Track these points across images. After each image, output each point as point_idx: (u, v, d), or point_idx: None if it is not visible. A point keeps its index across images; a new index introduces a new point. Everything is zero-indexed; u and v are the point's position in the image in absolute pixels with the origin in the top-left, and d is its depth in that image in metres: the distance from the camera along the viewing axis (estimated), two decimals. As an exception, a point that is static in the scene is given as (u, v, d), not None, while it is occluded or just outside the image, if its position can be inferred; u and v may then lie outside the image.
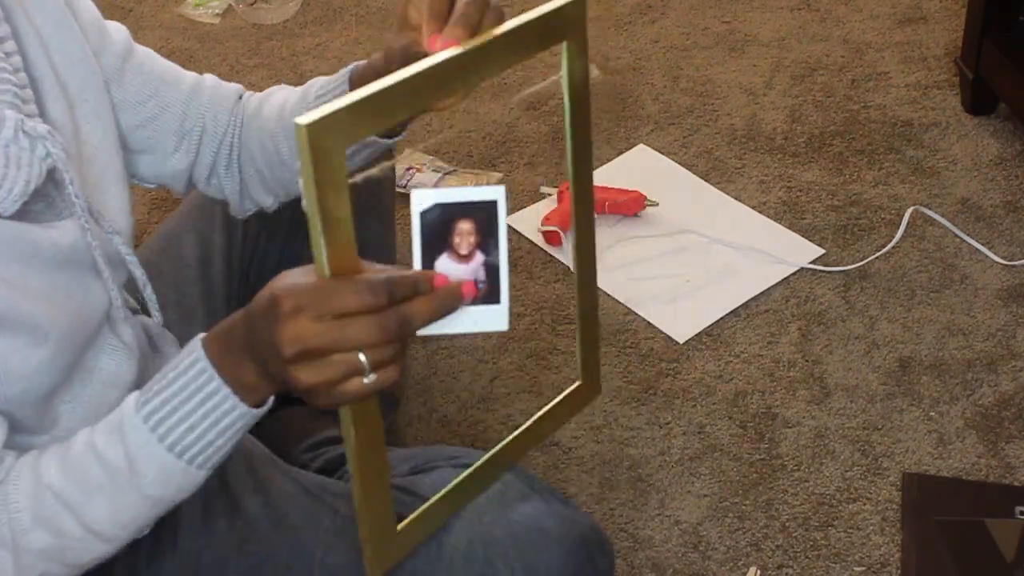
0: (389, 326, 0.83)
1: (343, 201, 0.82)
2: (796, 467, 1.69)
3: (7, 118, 0.98)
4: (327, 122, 0.80)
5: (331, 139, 0.80)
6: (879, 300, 1.92)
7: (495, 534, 1.08)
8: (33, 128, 0.99)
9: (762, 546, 1.60)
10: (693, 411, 1.77)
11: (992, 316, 1.89)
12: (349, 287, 0.83)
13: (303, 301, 0.84)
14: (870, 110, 2.30)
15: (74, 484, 0.97)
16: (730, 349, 1.86)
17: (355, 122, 0.82)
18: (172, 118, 1.24)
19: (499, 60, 0.93)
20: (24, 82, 1.03)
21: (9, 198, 0.97)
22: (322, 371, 0.85)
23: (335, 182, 0.81)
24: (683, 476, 1.69)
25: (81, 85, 1.10)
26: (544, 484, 1.13)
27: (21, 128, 0.98)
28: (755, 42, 2.49)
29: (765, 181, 2.16)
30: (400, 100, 0.85)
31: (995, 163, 2.15)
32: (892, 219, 2.05)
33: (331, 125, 0.80)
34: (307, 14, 2.70)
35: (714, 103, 2.34)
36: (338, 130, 0.81)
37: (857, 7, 2.57)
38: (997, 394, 1.77)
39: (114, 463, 0.96)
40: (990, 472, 1.67)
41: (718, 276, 1.98)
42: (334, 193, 0.81)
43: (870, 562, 1.57)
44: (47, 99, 1.06)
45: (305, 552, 1.13)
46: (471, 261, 0.88)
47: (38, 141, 0.99)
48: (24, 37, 1.05)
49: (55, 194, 1.03)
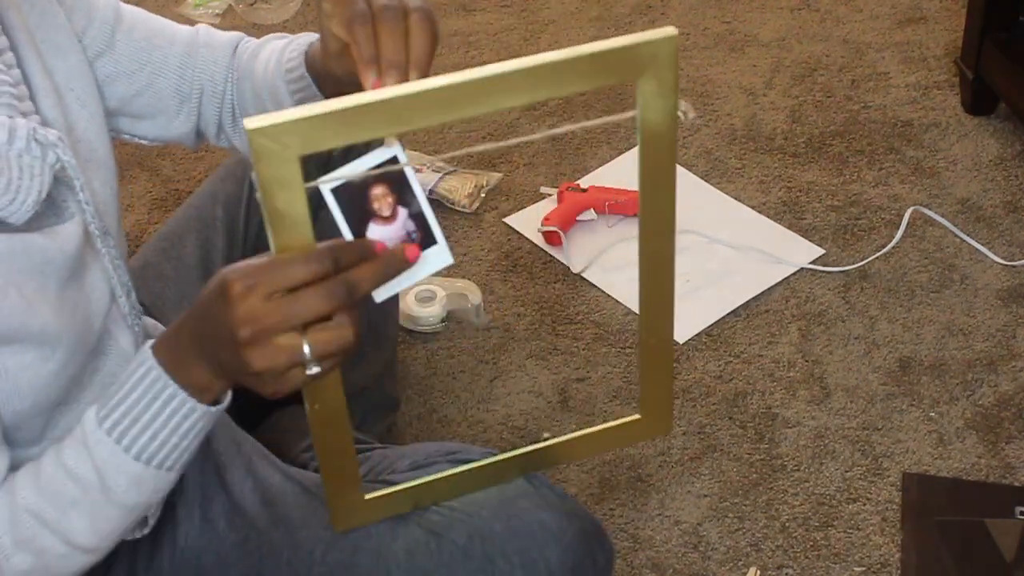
0: (338, 292, 0.85)
1: (296, 200, 0.84)
2: (796, 467, 1.69)
3: (18, 127, 0.97)
4: (274, 130, 0.81)
5: (279, 145, 0.82)
6: (879, 300, 1.93)
7: (494, 529, 1.08)
8: (44, 136, 0.98)
9: (762, 546, 1.60)
10: (693, 411, 1.77)
11: (992, 316, 1.89)
12: (295, 259, 0.85)
13: (252, 280, 0.85)
14: (870, 110, 2.30)
15: (49, 503, 0.97)
16: (730, 349, 1.86)
17: (310, 133, 0.83)
18: (169, 83, 1.21)
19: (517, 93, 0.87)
20: (18, 79, 1.02)
21: (22, 209, 0.96)
22: (273, 355, 0.85)
23: (286, 182, 0.83)
24: (683, 476, 1.69)
25: (67, 74, 1.09)
26: (543, 479, 1.13)
27: (33, 137, 0.98)
28: (755, 42, 2.49)
29: (765, 181, 2.16)
30: (376, 120, 0.85)
31: (995, 163, 2.15)
32: (892, 219, 2.05)
33: (279, 133, 0.82)
34: (307, 14, 2.70)
35: (714, 103, 2.34)
36: (288, 138, 0.82)
37: (857, 7, 2.57)
38: (997, 394, 1.77)
39: (85, 478, 0.96)
40: (990, 472, 1.67)
41: (718, 276, 1.98)
42: (285, 192, 0.83)
43: (870, 562, 1.57)
44: (38, 94, 1.05)
45: (304, 551, 1.13)
46: (396, 219, 0.90)
47: (49, 149, 0.99)
48: (13, 32, 1.04)
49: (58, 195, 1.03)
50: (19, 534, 0.97)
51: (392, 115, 0.84)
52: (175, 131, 1.25)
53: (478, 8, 2.63)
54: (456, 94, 0.85)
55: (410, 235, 0.91)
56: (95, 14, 1.15)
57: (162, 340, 0.95)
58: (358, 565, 1.11)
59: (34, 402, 0.99)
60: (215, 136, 1.28)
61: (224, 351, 0.88)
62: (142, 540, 1.15)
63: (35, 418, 1.01)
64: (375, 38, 0.91)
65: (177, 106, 1.23)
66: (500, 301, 1.96)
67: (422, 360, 1.88)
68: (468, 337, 1.91)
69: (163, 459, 0.96)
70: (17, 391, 0.97)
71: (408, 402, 1.81)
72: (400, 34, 0.91)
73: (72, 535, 0.98)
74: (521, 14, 2.61)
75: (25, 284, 0.96)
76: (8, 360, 0.96)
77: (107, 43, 1.16)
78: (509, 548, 1.07)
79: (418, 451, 1.20)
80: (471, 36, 2.55)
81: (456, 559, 1.08)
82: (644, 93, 0.89)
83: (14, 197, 0.95)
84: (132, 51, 1.18)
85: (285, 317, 0.85)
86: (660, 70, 0.89)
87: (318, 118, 0.82)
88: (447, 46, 2.51)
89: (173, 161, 2.27)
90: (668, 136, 0.92)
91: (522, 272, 2.01)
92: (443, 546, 1.08)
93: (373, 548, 1.10)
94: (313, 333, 0.85)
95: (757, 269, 1.99)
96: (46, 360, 0.98)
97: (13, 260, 0.96)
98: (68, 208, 1.03)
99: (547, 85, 0.87)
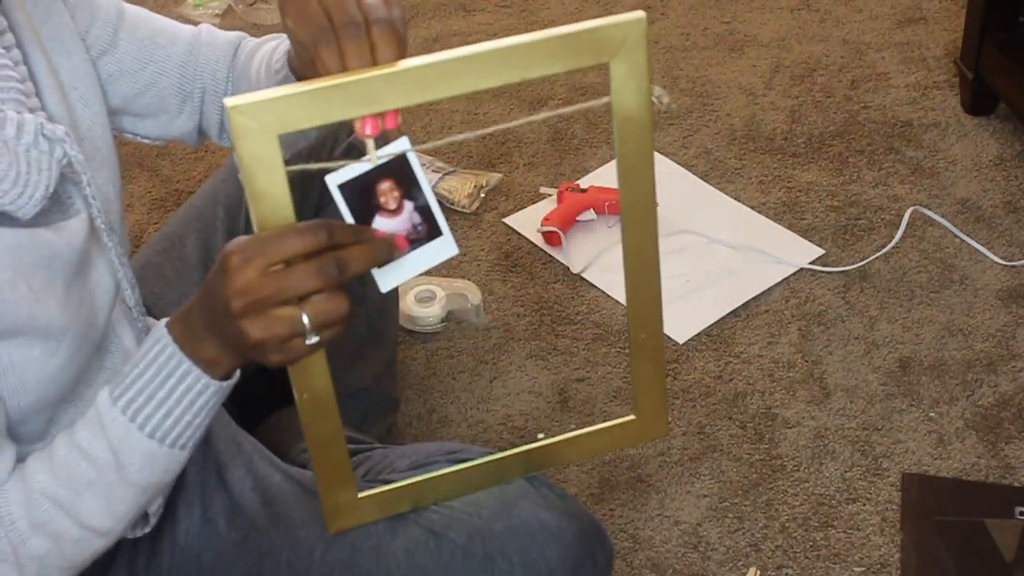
0: (329, 269, 0.88)
1: (276, 178, 0.87)
2: (796, 467, 1.69)
3: (26, 121, 0.98)
4: (253, 108, 0.84)
5: (258, 123, 0.85)
6: (879, 300, 1.93)
7: (495, 529, 1.08)
8: (52, 131, 0.99)
9: (762, 546, 1.60)
10: (693, 411, 1.78)
11: (992, 316, 1.89)
12: (291, 231, 0.88)
13: (248, 253, 0.88)
14: (870, 110, 2.30)
15: (64, 485, 0.98)
16: (730, 349, 1.86)
17: (289, 111, 0.85)
18: (170, 83, 1.22)
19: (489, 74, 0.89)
20: (25, 76, 1.03)
21: (30, 204, 0.97)
22: (269, 326, 0.88)
23: (266, 161, 0.86)
24: (683, 476, 1.69)
25: (71, 73, 1.10)
26: (543, 480, 1.13)
27: (41, 132, 0.98)
28: (755, 42, 2.49)
29: (765, 181, 2.16)
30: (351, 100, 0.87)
31: (995, 163, 2.15)
32: (892, 219, 2.05)
33: (258, 111, 0.85)
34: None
35: (714, 103, 2.34)
36: (267, 117, 0.85)
37: (857, 7, 2.57)
38: (997, 394, 1.77)
39: (101, 458, 0.98)
40: (990, 472, 1.67)
41: (718, 276, 1.98)
42: (265, 171, 0.86)
43: (870, 562, 1.57)
44: (43, 91, 1.05)
45: (304, 550, 1.13)
46: (402, 212, 0.93)
47: (56, 144, 0.99)
48: (19, 31, 1.05)
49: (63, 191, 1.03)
50: (35, 517, 0.98)
51: (368, 95, 0.87)
52: (177, 130, 1.26)
53: (478, 8, 2.64)
54: (430, 75, 0.87)
55: (416, 227, 0.93)
56: (98, 13, 1.16)
57: (175, 317, 0.97)
58: (358, 564, 1.11)
59: (39, 397, 1.00)
60: (217, 135, 1.28)
61: (225, 323, 0.91)
62: (142, 539, 1.15)
63: (39, 414, 1.01)
64: (340, 55, 0.91)
65: (179, 105, 1.23)
66: (500, 301, 1.96)
67: (422, 360, 1.88)
68: (468, 337, 1.91)
69: (176, 437, 0.98)
70: (23, 385, 0.98)
71: (408, 402, 1.81)
72: (364, 48, 0.90)
73: (87, 517, 0.99)
74: (521, 14, 2.61)
75: (34, 277, 0.97)
76: (15, 353, 0.96)
77: (110, 42, 1.17)
78: (509, 548, 1.07)
79: (418, 451, 1.20)
80: (471, 36, 2.55)
81: (456, 559, 1.08)
82: (616, 76, 0.91)
83: (22, 191, 0.96)
84: (135, 50, 1.19)
85: (277, 289, 0.88)
86: (631, 53, 0.90)
87: (296, 96, 0.85)
88: (447, 46, 2.51)
89: (173, 161, 2.27)
90: (643, 121, 0.94)
91: (522, 272, 2.01)
92: (443, 546, 1.08)
93: (373, 547, 1.11)
94: (310, 305, 0.88)
95: (757, 269, 1.99)
96: (52, 354, 0.99)
97: (22, 253, 0.96)
98: (74, 204, 1.03)
99: (519, 66, 0.89)
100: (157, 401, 0.97)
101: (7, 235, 0.95)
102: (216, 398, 0.98)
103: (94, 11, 1.16)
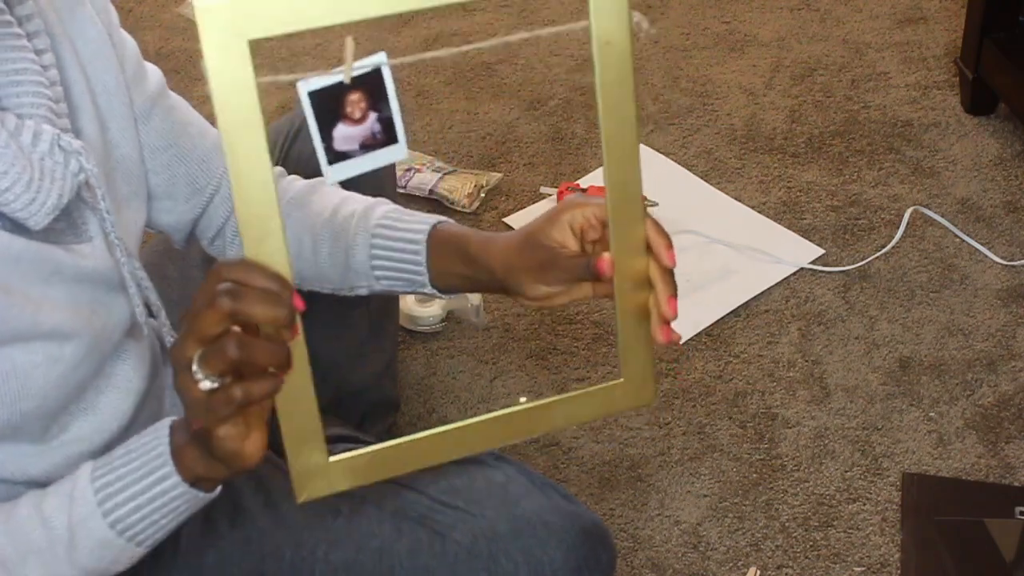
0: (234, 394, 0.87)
1: (246, 86, 0.86)
2: (796, 467, 1.69)
3: (43, 131, 0.98)
4: (224, 10, 0.83)
5: (230, 28, 0.83)
6: (879, 300, 1.93)
7: (498, 529, 1.08)
8: (68, 143, 0.99)
9: (762, 546, 1.60)
10: (693, 411, 1.78)
11: (992, 316, 1.89)
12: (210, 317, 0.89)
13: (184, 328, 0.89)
14: (870, 110, 2.30)
15: (13, 544, 0.97)
16: (730, 349, 1.86)
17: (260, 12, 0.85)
18: (187, 171, 1.21)
19: None
20: (59, 96, 1.02)
21: (41, 212, 0.96)
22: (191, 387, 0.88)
23: (236, 77, 0.85)
24: (683, 476, 1.69)
25: (111, 113, 1.10)
26: (546, 479, 1.13)
27: (57, 142, 0.98)
28: (755, 42, 2.50)
29: (765, 181, 2.16)
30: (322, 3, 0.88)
31: (995, 163, 2.16)
32: (892, 219, 2.06)
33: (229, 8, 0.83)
34: (307, 14, 2.70)
35: (714, 103, 2.34)
36: (239, 20, 0.84)
37: (857, 7, 2.57)
38: (997, 394, 1.77)
39: (57, 530, 0.97)
40: (990, 472, 1.67)
41: (718, 276, 1.98)
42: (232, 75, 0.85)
43: (870, 562, 1.57)
44: (82, 118, 1.05)
45: (307, 550, 1.13)
46: (365, 121, 0.93)
47: (72, 156, 0.99)
48: (62, 54, 1.05)
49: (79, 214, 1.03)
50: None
51: None
52: (175, 217, 1.24)
53: (478, 8, 2.63)
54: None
55: (375, 135, 0.93)
56: (142, 79, 1.16)
57: (179, 421, 0.97)
58: (361, 565, 1.11)
59: (40, 404, 0.99)
60: (210, 239, 1.27)
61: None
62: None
63: (39, 420, 1.01)
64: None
65: (188, 194, 1.22)
66: (500, 301, 1.96)
67: (422, 360, 1.88)
68: (468, 337, 1.91)
69: (136, 532, 0.98)
70: (26, 390, 0.97)
71: (408, 402, 1.81)
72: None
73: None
74: (521, 14, 2.61)
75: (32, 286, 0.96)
76: (18, 357, 0.96)
77: (145, 113, 1.16)
78: (513, 548, 1.07)
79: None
80: (471, 36, 2.55)
81: (460, 559, 1.08)
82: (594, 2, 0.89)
83: (34, 197, 0.95)
84: (165, 128, 1.18)
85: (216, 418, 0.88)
86: None
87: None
88: (447, 45, 2.51)
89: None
90: (623, 47, 0.91)
91: (522, 272, 2.01)
92: (447, 546, 1.08)
93: (376, 547, 1.11)
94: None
95: (757, 269, 1.99)
96: (56, 362, 0.99)
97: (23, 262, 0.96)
98: (88, 230, 1.03)
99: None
100: (131, 493, 0.96)
101: (16, 243, 0.95)
102: (188, 506, 0.98)
103: (139, 75, 1.16)
